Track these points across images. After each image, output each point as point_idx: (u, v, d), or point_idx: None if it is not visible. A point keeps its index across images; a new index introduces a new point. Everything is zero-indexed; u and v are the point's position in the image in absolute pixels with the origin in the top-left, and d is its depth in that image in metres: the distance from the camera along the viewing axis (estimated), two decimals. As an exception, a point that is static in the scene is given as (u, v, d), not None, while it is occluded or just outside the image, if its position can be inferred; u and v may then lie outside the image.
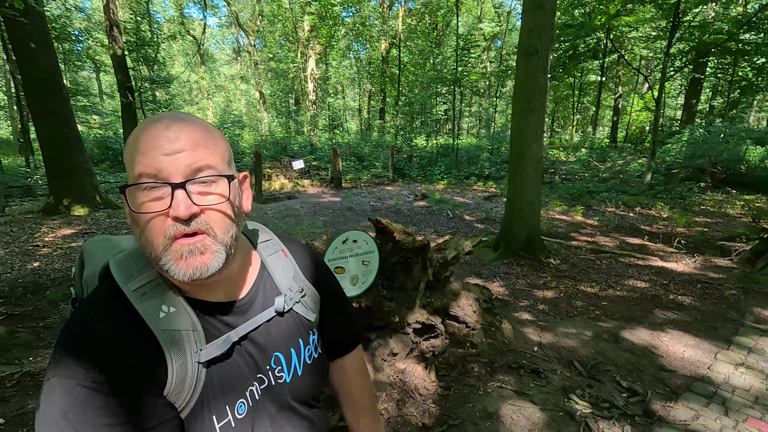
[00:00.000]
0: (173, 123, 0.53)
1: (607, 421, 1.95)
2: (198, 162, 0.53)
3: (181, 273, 0.53)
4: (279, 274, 0.70)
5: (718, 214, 7.28)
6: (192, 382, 0.54)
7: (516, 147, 4.78)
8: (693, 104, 15.23)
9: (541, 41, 4.38)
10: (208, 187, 0.54)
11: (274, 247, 0.74)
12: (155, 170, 0.51)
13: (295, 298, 0.69)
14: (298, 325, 0.69)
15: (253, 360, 0.62)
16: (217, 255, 0.55)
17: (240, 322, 0.62)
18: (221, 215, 0.55)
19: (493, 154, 13.61)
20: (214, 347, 0.57)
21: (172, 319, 0.56)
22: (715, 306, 3.38)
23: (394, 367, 2.40)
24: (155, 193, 0.52)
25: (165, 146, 0.52)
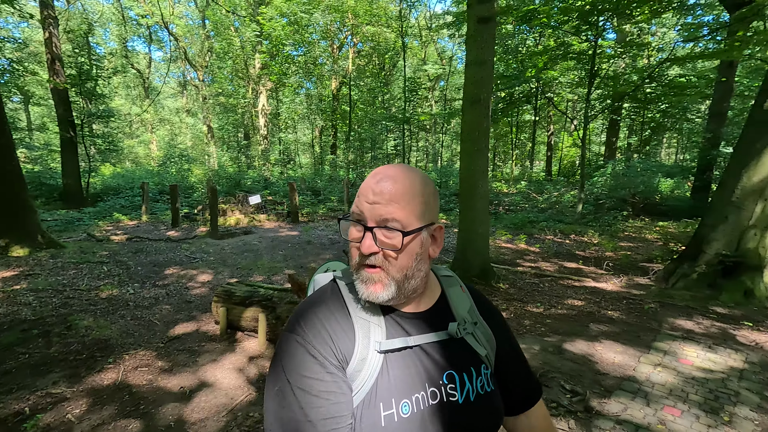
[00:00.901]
0: (384, 180, 0.67)
1: (555, 418, 2.29)
2: (387, 215, 0.65)
3: (361, 292, 0.68)
4: (456, 304, 0.78)
5: (638, 239, 8.26)
6: (371, 366, 0.65)
7: (466, 184, 5.28)
8: (613, 141, 17.16)
9: (483, 91, 4.99)
10: (391, 234, 0.66)
11: (454, 282, 0.83)
12: (359, 212, 0.67)
13: (468, 329, 0.75)
14: (469, 355, 0.74)
15: (425, 370, 0.69)
16: (387, 288, 0.67)
17: (416, 332, 0.71)
18: (397, 259, 0.67)
19: (442, 187, 14.40)
20: (392, 343, 0.67)
21: (366, 310, 0.69)
22: (638, 318, 3.92)
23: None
24: (357, 227, 0.68)
25: (370, 197, 0.67)
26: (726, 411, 2.37)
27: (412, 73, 25.36)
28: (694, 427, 2.22)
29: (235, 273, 5.68)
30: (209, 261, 6.28)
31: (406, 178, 0.68)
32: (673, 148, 32.07)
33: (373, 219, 0.66)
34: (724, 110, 11.18)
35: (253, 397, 2.63)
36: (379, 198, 0.66)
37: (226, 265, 6.06)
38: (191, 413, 2.45)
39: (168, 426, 2.32)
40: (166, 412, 2.45)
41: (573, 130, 25.72)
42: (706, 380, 2.73)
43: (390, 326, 0.69)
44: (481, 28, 4.90)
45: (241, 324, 3.64)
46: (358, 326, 0.67)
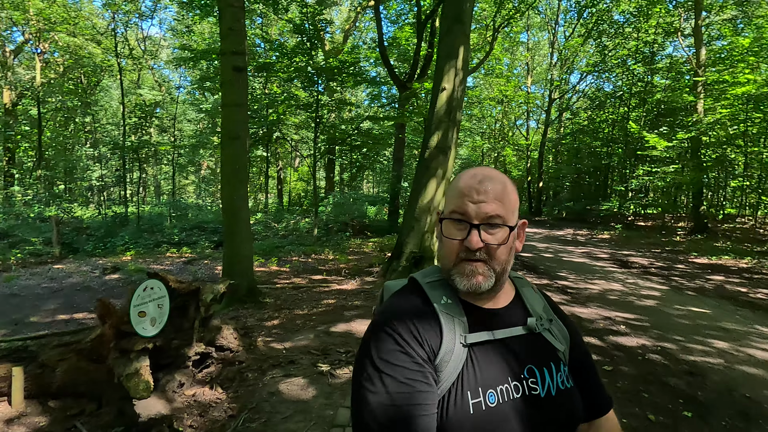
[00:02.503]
0: (485, 180, 0.73)
1: (337, 368, 3.21)
2: (492, 212, 0.71)
3: (462, 284, 0.72)
4: (531, 302, 0.83)
5: (360, 252, 10.57)
6: (457, 358, 0.68)
7: (229, 212, 5.72)
8: (331, 177, 20.62)
9: (242, 129, 5.65)
10: (495, 230, 0.72)
11: (525, 282, 0.88)
12: (463, 211, 0.72)
13: (545, 325, 0.79)
14: (548, 351, 0.78)
15: (507, 364, 0.72)
16: (489, 279, 0.72)
17: (498, 327, 0.75)
18: (500, 251, 0.73)
19: (180, 220, 13.61)
20: (476, 336, 0.71)
21: (449, 306, 0.73)
22: (373, 301, 5.43)
23: (185, 395, 2.82)
24: (459, 225, 0.72)
25: (474, 196, 0.72)
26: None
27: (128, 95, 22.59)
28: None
29: None
30: None
31: (501, 178, 0.76)
32: (371, 183, 40.62)
33: (478, 217, 0.72)
34: (401, 156, 15.67)
35: (44, 446, 2.38)
36: (484, 197, 0.72)
37: None
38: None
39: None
40: None
41: (297, 165, 29.04)
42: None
43: (472, 321, 0.74)
44: (237, 75, 5.59)
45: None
46: (443, 320, 0.71)
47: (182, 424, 2.50)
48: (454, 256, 0.74)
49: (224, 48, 5.65)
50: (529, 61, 29.97)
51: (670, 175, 15.20)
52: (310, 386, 2.96)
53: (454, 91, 6.36)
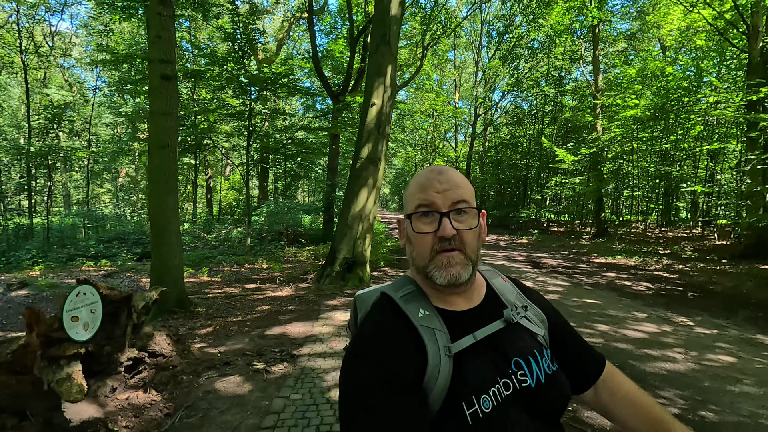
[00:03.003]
0: (443, 171, 0.75)
1: (272, 365, 3.41)
2: (458, 197, 0.72)
3: (441, 278, 0.70)
4: (504, 292, 0.83)
5: (295, 260, 10.63)
6: (444, 371, 0.66)
7: (158, 221, 5.61)
8: (264, 186, 20.29)
9: (170, 138, 5.61)
10: (463, 217, 0.72)
11: (495, 274, 0.88)
12: (430, 202, 0.72)
13: (521, 313, 0.79)
14: (529, 338, 0.77)
15: (494, 362, 0.71)
16: (467, 267, 0.72)
17: (477, 328, 0.73)
18: (471, 238, 0.72)
19: (97, 232, 12.66)
20: (460, 344, 0.69)
21: (427, 318, 0.70)
22: (307, 306, 5.64)
23: (117, 399, 2.86)
24: (428, 219, 0.72)
25: (437, 186, 0.72)
26: (358, 335, 4.24)
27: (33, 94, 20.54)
28: (345, 346, 3.91)
29: None
30: None
31: (454, 170, 0.77)
32: (306, 192, 40.30)
33: (446, 205, 0.72)
34: (336, 166, 15.93)
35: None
36: (447, 185, 0.73)
37: None
38: None
39: None
40: None
41: (228, 173, 28.10)
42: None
43: (453, 328, 0.72)
44: (165, 83, 5.56)
45: None
46: (425, 335, 0.69)
47: (117, 425, 2.56)
48: (429, 250, 0.72)
49: (152, 55, 5.61)
50: (457, 78, 31.92)
51: (577, 186, 17.11)
52: (245, 383, 3.13)
53: (383, 107, 6.82)
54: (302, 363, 3.50)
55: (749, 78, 10.30)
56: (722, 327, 4.96)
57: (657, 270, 9.19)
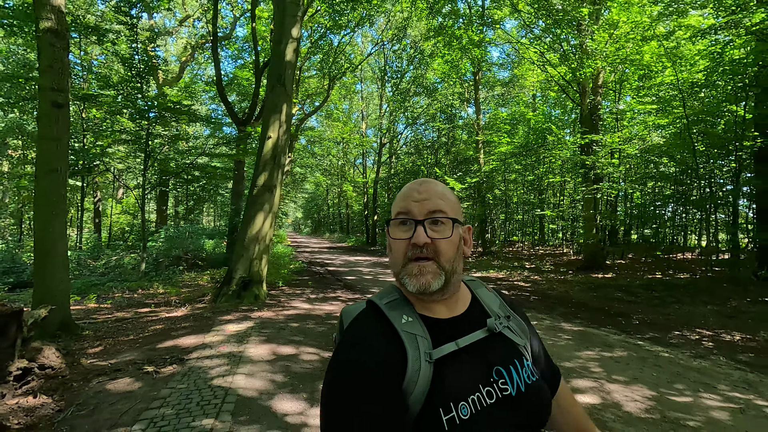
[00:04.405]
0: (424, 182, 0.80)
1: (162, 367, 3.89)
2: (434, 207, 0.76)
3: (411, 285, 0.74)
4: (488, 302, 0.86)
5: (194, 285, 10.63)
6: (424, 376, 0.68)
7: (43, 246, 5.61)
8: (163, 210, 19.47)
9: (60, 162, 5.73)
10: (439, 227, 0.76)
11: (479, 284, 0.91)
12: (407, 210, 0.77)
13: (504, 323, 0.82)
14: (511, 348, 0.80)
15: (475, 371, 0.73)
16: (439, 277, 0.74)
17: (460, 336, 0.76)
18: (446, 247, 0.75)
19: (-45, 261, 11.22)
20: (440, 350, 0.72)
21: (410, 324, 0.74)
22: (201, 322, 6.02)
23: (7, 405, 3.14)
24: (404, 226, 0.77)
25: (416, 195, 0.78)
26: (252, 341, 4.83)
27: None
28: (262, 351, 4.49)
29: None
30: None
31: (440, 183, 0.82)
32: (212, 216, 38.63)
33: (421, 213, 0.76)
34: (241, 190, 16.09)
35: None
36: (425, 195, 0.77)
37: None
38: None
39: None
40: None
41: (121, 196, 26.11)
42: (239, 334, 5.16)
43: (435, 335, 0.74)
44: (57, 110, 5.72)
45: None
46: (406, 340, 0.71)
47: (9, 422, 2.89)
48: (402, 257, 0.76)
49: (43, 84, 5.74)
50: (364, 109, 33.86)
51: (467, 211, 19.35)
52: (136, 382, 3.59)
53: (279, 140, 7.60)
54: (190, 364, 4.02)
55: (581, 127, 13.07)
56: (541, 319, 6.48)
57: (517, 280, 11.06)
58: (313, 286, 9.62)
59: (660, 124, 11.87)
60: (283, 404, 3.16)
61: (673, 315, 6.87)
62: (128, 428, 2.78)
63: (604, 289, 9.17)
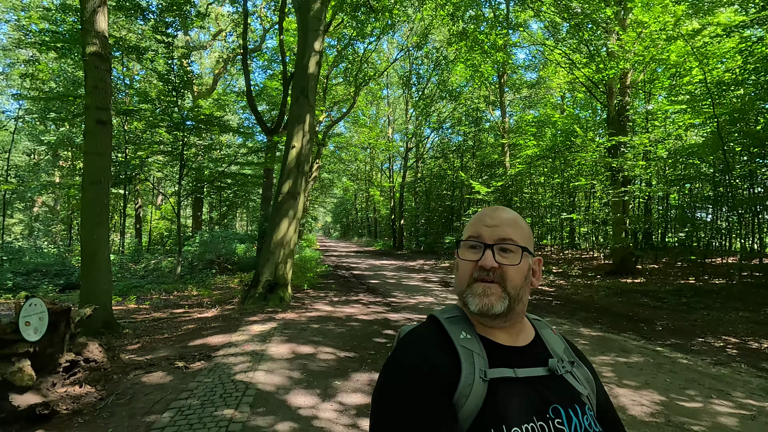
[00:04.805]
0: (498, 210, 0.82)
1: (191, 363, 4.22)
2: (504, 235, 0.78)
3: (474, 305, 0.75)
4: (552, 344, 0.84)
5: (225, 287, 11.17)
6: (477, 393, 0.68)
7: (89, 251, 6.15)
8: (198, 216, 20.39)
9: (103, 175, 6.26)
10: (508, 254, 0.77)
11: (545, 325, 0.90)
12: (478, 234, 0.79)
13: (567, 368, 0.79)
14: (572, 393, 0.76)
15: (531, 402, 0.71)
16: (502, 301, 0.75)
17: (518, 365, 0.75)
18: (513, 274, 0.76)
19: (14, 265, 12.27)
20: (496, 372, 0.72)
21: (468, 341, 0.75)
22: (230, 323, 6.40)
23: (57, 392, 3.54)
24: (474, 249, 0.78)
25: (488, 221, 0.80)
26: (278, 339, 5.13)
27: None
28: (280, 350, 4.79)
29: None
30: None
31: (513, 211, 0.83)
32: (245, 221, 39.95)
33: (492, 239, 0.77)
34: (269, 196, 16.69)
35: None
36: (497, 222, 0.79)
37: None
38: None
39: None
40: None
41: (159, 203, 27.51)
42: (262, 334, 5.48)
43: (493, 357, 0.74)
44: (101, 127, 6.27)
45: None
46: (462, 354, 0.72)
47: (59, 406, 3.28)
48: (468, 277, 0.77)
49: (89, 103, 6.31)
50: (390, 114, 34.21)
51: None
52: (167, 376, 3.93)
53: (302, 149, 7.95)
54: (217, 360, 4.35)
55: (609, 128, 12.81)
56: (559, 324, 6.46)
57: (541, 285, 10.94)
58: (336, 290, 9.92)
59: (691, 124, 11.48)
60: (298, 399, 3.40)
61: (700, 321, 6.68)
62: (159, 416, 3.10)
63: (630, 295, 8.97)
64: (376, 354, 4.74)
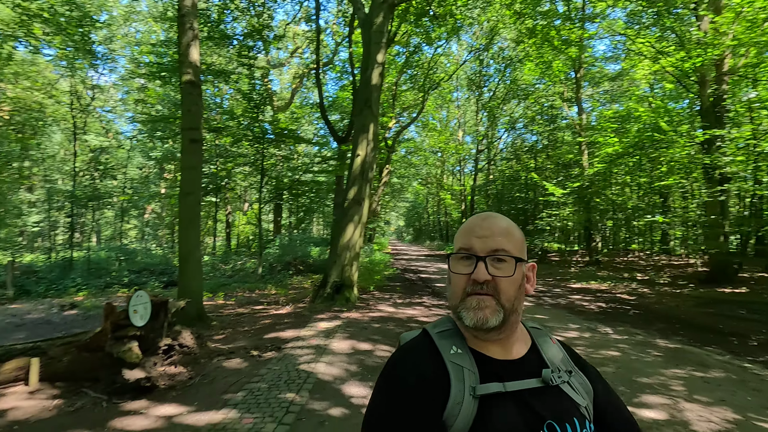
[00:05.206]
0: (489, 218, 0.78)
1: (264, 352, 4.74)
2: (497, 246, 0.74)
3: (469, 319, 0.73)
4: (548, 353, 0.81)
5: (300, 287, 12.01)
6: (466, 410, 0.67)
7: (184, 252, 7.10)
8: (278, 221, 21.98)
9: (195, 187, 7.19)
10: (501, 265, 0.74)
11: (543, 333, 0.86)
12: (469, 246, 0.75)
13: (563, 378, 0.76)
14: (568, 405, 0.74)
15: (523, 418, 0.69)
16: (497, 314, 0.72)
17: (510, 379, 0.72)
18: (507, 285, 0.74)
19: (128, 264, 14.37)
20: (486, 387, 0.70)
21: (458, 356, 0.73)
22: (300, 319, 6.96)
23: (157, 370, 4.23)
24: (466, 261, 0.75)
25: (478, 231, 0.76)
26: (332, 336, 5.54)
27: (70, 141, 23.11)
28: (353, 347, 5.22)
29: None
30: None
31: (505, 218, 0.80)
32: (321, 225, 42.03)
33: (484, 250, 0.74)
34: (341, 202, 17.52)
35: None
36: (488, 232, 0.76)
37: None
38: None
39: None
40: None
41: (246, 209, 30.11)
42: (327, 330, 5.90)
43: (483, 372, 0.72)
44: (193, 145, 7.22)
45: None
46: (451, 371, 0.70)
47: (158, 382, 3.93)
48: (461, 291, 0.75)
49: (184, 124, 7.30)
50: (460, 116, 33.87)
51: (569, 217, 18.21)
52: (243, 362, 4.48)
53: (366, 157, 8.36)
54: (285, 351, 4.83)
55: (702, 121, 11.57)
56: (634, 334, 6.06)
57: (620, 293, 10.21)
58: (401, 292, 10.19)
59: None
60: (352, 389, 3.70)
61: (810, 339, 5.83)
62: (234, 394, 3.59)
63: (723, 305, 8.04)
64: (431, 354, 4.90)
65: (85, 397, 3.81)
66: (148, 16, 21.96)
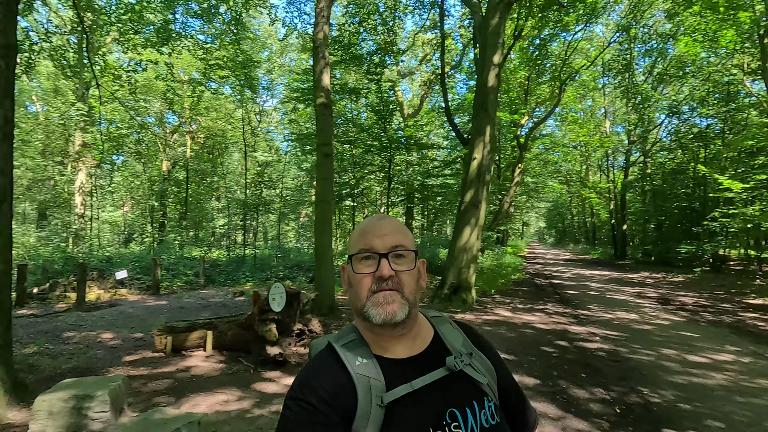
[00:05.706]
0: (382, 218, 0.83)
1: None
2: (396, 242, 0.78)
3: (377, 316, 0.75)
4: (450, 339, 0.84)
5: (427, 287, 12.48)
6: (374, 421, 0.69)
7: (319, 253, 8.21)
8: (409, 223, 22.98)
9: (328, 195, 8.23)
10: (401, 260, 0.79)
11: (443, 320, 0.90)
12: (370, 246, 0.78)
13: (465, 360, 0.80)
14: (471, 388, 0.78)
15: (427, 414, 0.73)
16: (403, 307, 0.76)
17: (416, 377, 0.75)
18: (408, 279, 0.78)
19: (284, 260, 16.95)
20: (392, 394, 0.72)
21: (364, 367, 0.74)
22: (416, 318, 7.39)
23: (291, 350, 5.12)
24: (368, 261, 0.78)
25: (377, 231, 0.80)
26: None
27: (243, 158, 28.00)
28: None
29: (132, 332, 6.56)
30: (100, 326, 7.16)
31: (395, 218, 0.86)
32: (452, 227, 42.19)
33: (385, 248, 0.78)
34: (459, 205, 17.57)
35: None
36: (387, 230, 0.80)
37: (119, 327, 7.04)
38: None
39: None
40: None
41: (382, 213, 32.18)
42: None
43: (390, 376, 0.74)
44: (325, 159, 8.29)
45: (186, 345, 5.52)
46: (358, 383, 0.72)
47: (290, 358, 4.77)
48: (366, 290, 0.77)
49: (318, 141, 8.44)
50: (607, 106, 30.18)
51: (754, 217, 14.73)
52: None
53: (483, 159, 8.36)
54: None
55: None
56: None
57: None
58: (524, 297, 9.79)
59: None
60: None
61: None
62: (345, 376, 4.16)
63: None
64: (536, 361, 4.76)
65: (240, 364, 4.88)
66: (297, 48, 25.41)
